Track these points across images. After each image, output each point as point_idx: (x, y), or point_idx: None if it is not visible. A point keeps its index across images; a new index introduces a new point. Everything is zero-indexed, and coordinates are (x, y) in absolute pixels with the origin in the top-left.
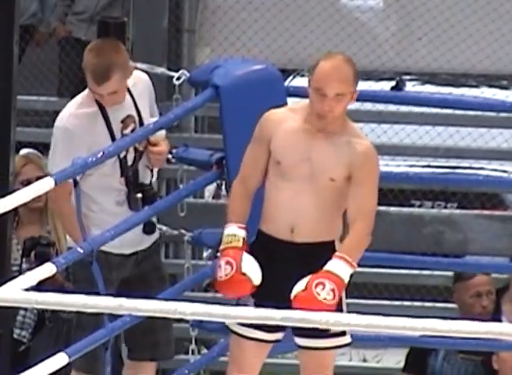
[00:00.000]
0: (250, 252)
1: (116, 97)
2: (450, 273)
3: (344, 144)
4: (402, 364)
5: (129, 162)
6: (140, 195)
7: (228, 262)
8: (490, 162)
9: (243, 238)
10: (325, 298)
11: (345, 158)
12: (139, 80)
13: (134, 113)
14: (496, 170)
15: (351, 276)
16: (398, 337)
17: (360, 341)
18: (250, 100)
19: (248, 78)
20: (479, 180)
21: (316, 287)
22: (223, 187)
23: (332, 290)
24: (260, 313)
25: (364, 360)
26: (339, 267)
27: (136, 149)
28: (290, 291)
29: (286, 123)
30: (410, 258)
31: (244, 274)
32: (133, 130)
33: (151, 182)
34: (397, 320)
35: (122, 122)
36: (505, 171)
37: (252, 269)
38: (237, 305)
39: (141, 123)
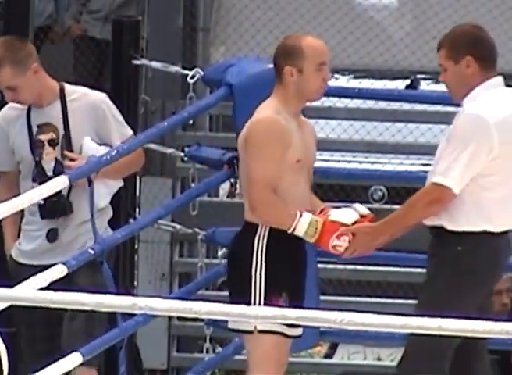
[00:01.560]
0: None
1: (17, 94)
2: None
3: (305, 124)
4: None
5: (50, 172)
6: (48, 203)
7: (340, 235)
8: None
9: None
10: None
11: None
12: (85, 99)
13: (58, 124)
14: None
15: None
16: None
17: (375, 339)
18: (263, 99)
19: (261, 77)
20: None
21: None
22: (238, 185)
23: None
24: (275, 312)
25: (379, 359)
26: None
27: (56, 158)
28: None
29: (291, 124)
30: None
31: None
32: (51, 140)
33: (65, 192)
34: (412, 320)
35: (39, 127)
36: None
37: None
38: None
39: (68, 138)
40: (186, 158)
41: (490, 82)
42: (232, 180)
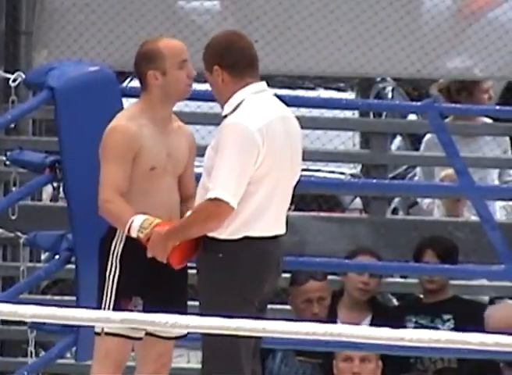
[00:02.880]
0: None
1: None
2: (287, 275)
3: (181, 130)
4: None
5: None
6: None
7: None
8: (327, 164)
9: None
10: None
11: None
12: None
13: None
14: (333, 172)
15: None
16: None
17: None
18: (85, 101)
19: (83, 80)
20: (316, 182)
21: None
22: (61, 189)
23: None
24: (99, 315)
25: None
26: None
27: None
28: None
29: (147, 130)
30: None
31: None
32: None
33: None
34: (236, 322)
35: None
36: (342, 173)
37: None
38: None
39: None
40: (8, 163)
41: (249, 88)
42: (54, 184)
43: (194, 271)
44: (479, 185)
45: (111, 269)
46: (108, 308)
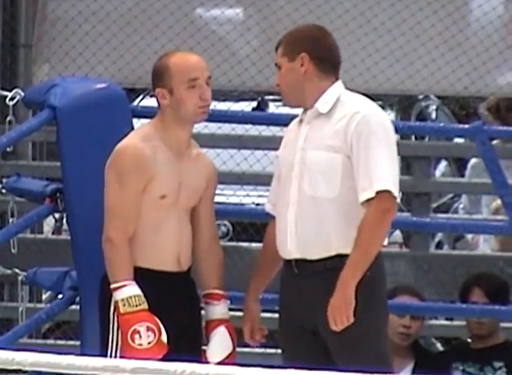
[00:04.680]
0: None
1: None
2: None
3: (199, 157)
4: None
5: None
6: None
7: (149, 329)
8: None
9: None
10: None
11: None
12: None
13: None
14: None
15: None
16: None
17: None
18: (90, 122)
19: (88, 98)
20: None
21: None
22: (64, 220)
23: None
24: (107, 363)
25: None
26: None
27: None
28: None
29: (162, 154)
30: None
31: (163, 341)
32: None
33: None
34: (261, 371)
35: None
36: None
37: (165, 334)
38: None
39: None
40: (4, 191)
41: (339, 85)
42: (56, 215)
43: None
44: None
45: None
46: (115, 354)
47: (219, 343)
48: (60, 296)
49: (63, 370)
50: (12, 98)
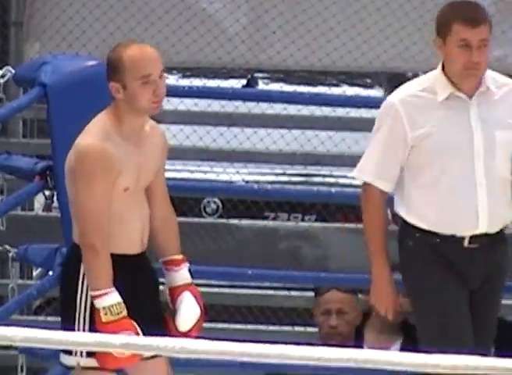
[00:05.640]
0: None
1: None
2: (310, 294)
3: (153, 134)
4: None
5: None
6: None
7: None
8: (352, 169)
9: None
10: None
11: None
12: None
13: None
14: None
15: None
16: (252, 363)
17: (209, 367)
18: (81, 99)
19: (79, 75)
20: (331, 194)
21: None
22: (54, 198)
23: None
24: (98, 338)
25: None
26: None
27: None
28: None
29: (123, 148)
30: (265, 273)
31: None
32: None
33: None
34: (251, 347)
35: None
36: None
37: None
38: None
39: None
40: None
41: None
42: (47, 193)
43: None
44: None
45: (82, 292)
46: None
47: (187, 311)
48: (51, 273)
49: (53, 346)
50: (2, 76)
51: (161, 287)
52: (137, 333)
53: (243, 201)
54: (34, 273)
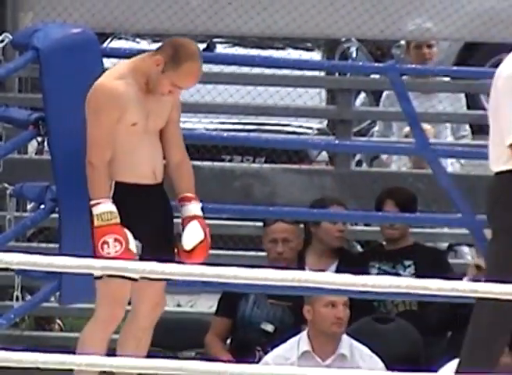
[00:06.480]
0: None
1: None
2: (260, 224)
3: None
4: (214, 308)
5: None
6: None
7: (117, 240)
8: (296, 119)
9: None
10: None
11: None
12: None
13: None
14: (301, 127)
15: None
16: (211, 282)
17: (175, 286)
18: (68, 61)
19: (66, 41)
20: (278, 140)
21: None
22: (45, 143)
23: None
24: (81, 263)
25: (179, 305)
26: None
27: None
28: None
29: (134, 88)
30: (223, 207)
31: (130, 249)
32: None
33: None
34: (210, 269)
35: None
36: (310, 128)
37: (133, 244)
38: None
39: None
40: None
41: None
42: (39, 139)
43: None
44: (434, 147)
45: None
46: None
47: (191, 232)
48: (42, 206)
49: (44, 268)
50: (1, 41)
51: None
52: (126, 239)
53: (204, 146)
54: (28, 207)
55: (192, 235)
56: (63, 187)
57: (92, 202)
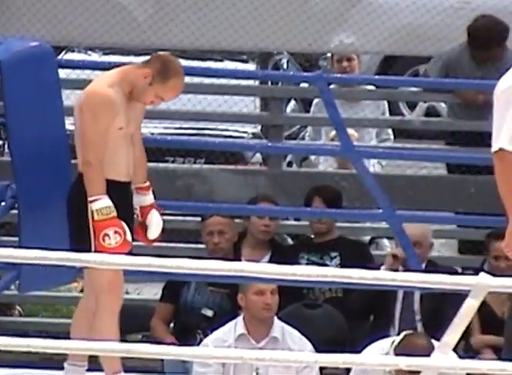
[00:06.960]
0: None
1: None
2: (199, 219)
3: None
4: (159, 295)
5: None
6: None
7: (116, 232)
8: (233, 124)
9: None
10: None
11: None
12: None
13: None
14: (237, 131)
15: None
16: (156, 272)
17: (124, 276)
18: (27, 72)
19: (25, 53)
20: (215, 143)
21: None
22: (6, 146)
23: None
24: (38, 254)
25: (127, 293)
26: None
27: None
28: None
29: (120, 95)
30: (167, 203)
31: (128, 240)
32: None
33: None
34: (155, 260)
35: None
36: (245, 132)
37: (129, 235)
38: None
39: None
40: None
41: None
42: (0, 142)
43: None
44: (357, 149)
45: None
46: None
47: (157, 224)
48: (3, 203)
49: (4, 259)
50: None
51: None
52: (124, 231)
53: (149, 148)
54: None
55: (157, 226)
56: (22, 186)
57: (91, 198)
